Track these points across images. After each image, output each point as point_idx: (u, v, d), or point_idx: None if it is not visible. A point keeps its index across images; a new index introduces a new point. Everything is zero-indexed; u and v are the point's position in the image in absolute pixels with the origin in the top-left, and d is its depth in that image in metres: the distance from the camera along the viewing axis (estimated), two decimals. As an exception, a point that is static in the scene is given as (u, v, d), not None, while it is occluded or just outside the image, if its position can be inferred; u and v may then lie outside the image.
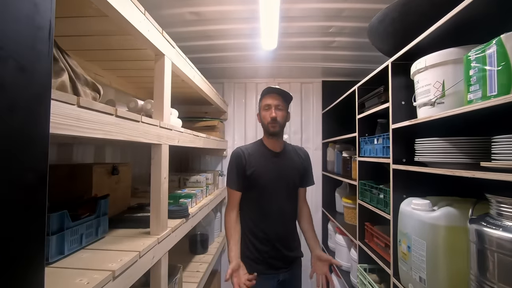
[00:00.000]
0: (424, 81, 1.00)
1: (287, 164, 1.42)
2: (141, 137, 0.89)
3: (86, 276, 0.70)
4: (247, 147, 1.44)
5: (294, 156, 1.47)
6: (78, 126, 0.59)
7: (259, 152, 1.41)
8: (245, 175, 1.36)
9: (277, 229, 1.36)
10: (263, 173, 1.36)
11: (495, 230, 0.67)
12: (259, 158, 1.38)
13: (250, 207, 1.39)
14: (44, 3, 0.41)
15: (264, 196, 1.36)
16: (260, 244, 1.35)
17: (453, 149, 0.90)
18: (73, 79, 0.70)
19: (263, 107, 1.38)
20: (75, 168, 1.18)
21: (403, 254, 1.06)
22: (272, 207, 1.36)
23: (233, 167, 1.38)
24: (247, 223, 1.39)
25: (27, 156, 0.39)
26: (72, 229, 0.85)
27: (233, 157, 1.40)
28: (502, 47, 0.69)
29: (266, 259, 1.34)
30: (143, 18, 0.91)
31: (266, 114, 1.36)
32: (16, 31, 0.37)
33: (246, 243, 1.38)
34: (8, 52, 0.36)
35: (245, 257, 1.35)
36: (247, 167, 1.36)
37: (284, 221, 1.39)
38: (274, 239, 1.35)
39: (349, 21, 1.68)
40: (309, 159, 1.54)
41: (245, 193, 1.39)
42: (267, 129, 1.38)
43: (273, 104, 1.35)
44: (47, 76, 0.42)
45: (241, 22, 1.70)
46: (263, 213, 1.36)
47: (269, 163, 1.39)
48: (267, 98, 1.37)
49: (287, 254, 1.38)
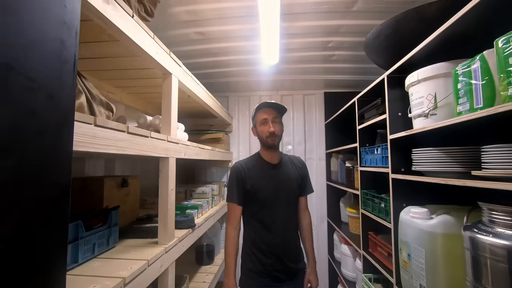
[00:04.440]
0: (417, 93, 1.05)
1: (286, 175, 1.45)
2: (150, 152, 0.95)
3: (99, 283, 0.75)
4: (245, 162, 1.47)
5: (291, 166, 1.50)
6: (94, 143, 0.65)
7: (257, 165, 1.44)
8: (245, 189, 1.37)
9: (280, 241, 1.36)
10: (263, 186, 1.38)
11: (487, 236, 0.70)
12: (258, 171, 1.41)
13: (253, 221, 1.40)
14: (70, 40, 0.48)
15: (266, 209, 1.37)
16: (264, 257, 1.35)
17: (447, 159, 0.93)
18: (90, 100, 0.77)
19: (260, 121, 1.41)
20: (87, 181, 1.24)
21: (404, 262, 1.08)
22: (274, 219, 1.37)
23: (233, 182, 1.39)
24: (250, 236, 1.40)
25: (54, 172, 0.45)
26: (86, 239, 0.91)
27: (233, 172, 1.42)
28: (485, 62, 0.74)
29: (270, 271, 1.34)
30: (152, 42, 0.99)
31: (264, 128, 1.39)
32: (47, 65, 0.44)
33: (249, 256, 1.38)
34: (40, 83, 0.42)
35: (248, 270, 1.36)
36: (247, 180, 1.38)
37: (287, 232, 1.40)
38: (278, 251, 1.35)
39: (346, 36, 1.75)
40: (305, 167, 1.57)
41: (247, 206, 1.40)
42: (265, 142, 1.41)
43: (270, 118, 1.39)
44: (71, 102, 0.49)
45: (244, 40, 1.79)
46: (265, 226, 1.37)
47: (268, 176, 1.41)
48: (262, 112, 1.41)
49: (290, 266, 1.38)
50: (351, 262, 2.03)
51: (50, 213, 0.44)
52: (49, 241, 0.43)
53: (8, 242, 0.35)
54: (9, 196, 0.36)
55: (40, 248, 0.41)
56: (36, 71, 0.41)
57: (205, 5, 1.46)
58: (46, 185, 0.43)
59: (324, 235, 2.70)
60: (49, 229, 0.43)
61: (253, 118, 1.48)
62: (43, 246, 0.42)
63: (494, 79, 0.72)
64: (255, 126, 1.46)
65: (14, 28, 0.37)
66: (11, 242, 0.36)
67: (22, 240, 0.38)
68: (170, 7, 1.46)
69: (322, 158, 2.76)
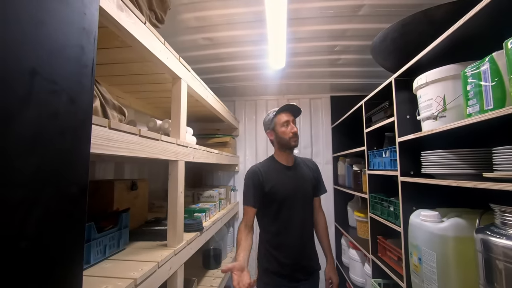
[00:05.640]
0: (426, 96, 1.05)
1: (301, 176, 1.48)
2: (160, 154, 0.97)
3: (111, 284, 0.76)
4: (262, 165, 1.49)
5: (305, 168, 1.53)
6: (109, 145, 0.67)
7: (273, 168, 1.46)
8: (264, 192, 1.39)
9: (298, 240, 1.39)
10: (281, 187, 1.40)
11: (500, 239, 0.69)
12: (275, 174, 1.43)
13: (271, 222, 1.41)
14: (89, 46, 0.50)
15: (284, 209, 1.39)
16: (283, 257, 1.36)
17: (457, 161, 0.93)
18: (103, 104, 0.79)
19: (281, 123, 1.44)
20: (98, 183, 1.27)
21: (415, 266, 1.06)
22: (293, 219, 1.39)
23: (250, 185, 1.40)
24: (267, 238, 1.41)
25: (73, 172, 0.46)
26: (97, 240, 0.93)
27: (250, 176, 1.43)
28: (495, 64, 0.74)
29: (288, 271, 1.36)
30: (163, 48, 1.01)
31: (287, 129, 1.42)
32: (68, 69, 0.46)
33: (267, 257, 1.40)
34: (62, 86, 0.44)
35: (266, 271, 1.38)
36: (265, 183, 1.39)
37: (304, 232, 1.42)
38: (296, 251, 1.37)
39: (353, 40, 1.76)
40: (318, 168, 1.61)
41: (264, 208, 1.41)
42: (287, 143, 1.43)
43: (291, 120, 1.43)
44: (89, 104, 0.51)
45: (251, 45, 1.82)
46: (284, 226, 1.38)
47: (285, 177, 1.44)
48: (282, 115, 1.45)
49: (307, 264, 1.40)
50: (360, 267, 2.00)
51: (70, 211, 0.45)
52: (68, 238, 0.44)
53: (32, 238, 0.37)
54: (33, 194, 0.37)
55: (60, 244, 0.43)
56: (58, 75, 0.43)
57: (213, 11, 1.48)
58: (66, 184, 0.44)
59: (331, 240, 2.66)
60: (68, 226, 0.45)
61: (270, 121, 1.48)
62: (63, 242, 0.43)
63: (504, 80, 0.71)
64: (274, 129, 1.47)
65: (40, 36, 0.39)
66: (35, 239, 0.37)
67: (44, 237, 0.39)
68: (180, 13, 1.49)
69: (329, 162, 2.76)
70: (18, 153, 0.36)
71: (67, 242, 0.45)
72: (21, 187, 0.36)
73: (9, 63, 0.34)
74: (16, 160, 0.35)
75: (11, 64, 0.35)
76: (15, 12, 0.35)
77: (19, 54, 0.36)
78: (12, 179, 0.35)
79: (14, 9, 0.35)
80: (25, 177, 0.37)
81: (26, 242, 0.36)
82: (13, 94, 0.35)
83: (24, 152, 0.36)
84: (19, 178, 0.36)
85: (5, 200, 0.34)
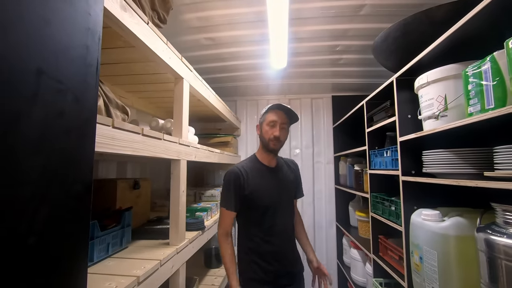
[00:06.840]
0: (427, 95, 1.05)
1: (284, 178, 1.40)
2: (162, 153, 0.98)
3: (114, 281, 0.77)
4: (243, 165, 1.36)
5: (287, 169, 1.45)
6: (113, 144, 0.68)
7: (255, 169, 1.36)
8: (244, 194, 1.29)
9: (283, 245, 1.32)
10: (264, 191, 1.31)
11: (501, 237, 0.69)
12: (257, 176, 1.34)
13: (254, 227, 1.32)
14: (93, 45, 0.51)
15: (268, 214, 1.30)
16: (267, 264, 1.28)
17: (459, 160, 0.93)
18: (107, 103, 0.80)
19: (267, 122, 1.32)
20: (101, 182, 1.28)
21: (416, 265, 1.07)
22: (278, 225, 1.31)
23: (231, 188, 1.29)
24: (250, 245, 1.31)
25: (78, 170, 0.47)
26: (101, 238, 0.93)
27: (231, 177, 1.30)
28: (496, 63, 0.74)
29: (272, 278, 1.28)
30: (166, 48, 1.02)
31: (270, 130, 1.31)
32: (73, 68, 0.46)
33: (249, 264, 1.30)
34: (67, 85, 0.45)
35: (249, 280, 1.29)
36: (246, 186, 1.29)
37: (288, 236, 1.36)
38: (281, 257, 1.29)
39: (354, 40, 1.77)
40: (298, 169, 1.52)
41: (246, 213, 1.33)
42: (267, 145, 1.33)
43: (279, 122, 1.30)
44: (93, 104, 0.52)
45: (252, 45, 1.82)
46: (269, 233, 1.30)
47: (268, 180, 1.35)
48: (273, 113, 1.32)
49: (291, 270, 1.33)
50: (361, 266, 2.00)
51: (75, 208, 0.46)
52: (73, 234, 0.45)
53: (39, 234, 0.38)
54: (40, 192, 0.38)
55: (66, 240, 0.43)
56: (64, 74, 0.44)
57: (215, 11, 1.49)
58: (71, 182, 0.45)
59: (333, 240, 2.68)
60: (74, 222, 0.45)
61: (262, 115, 1.38)
62: (69, 238, 0.44)
63: (505, 79, 0.72)
64: (261, 124, 1.36)
65: (47, 36, 0.40)
66: (42, 235, 0.38)
67: (51, 233, 0.40)
68: (182, 13, 1.50)
69: (330, 162, 2.76)
70: (26, 152, 0.36)
71: (72, 238, 0.45)
72: (28, 185, 0.37)
73: (16, 64, 0.35)
74: (24, 160, 0.36)
75: (18, 64, 0.35)
76: (20, 13, 0.36)
77: (24, 54, 0.36)
78: (20, 178, 0.36)
79: (21, 11, 0.36)
80: (32, 176, 0.37)
81: (34, 237, 0.37)
82: (20, 94, 0.36)
83: (31, 152, 0.37)
84: (27, 177, 0.37)
85: (13, 198, 0.34)
